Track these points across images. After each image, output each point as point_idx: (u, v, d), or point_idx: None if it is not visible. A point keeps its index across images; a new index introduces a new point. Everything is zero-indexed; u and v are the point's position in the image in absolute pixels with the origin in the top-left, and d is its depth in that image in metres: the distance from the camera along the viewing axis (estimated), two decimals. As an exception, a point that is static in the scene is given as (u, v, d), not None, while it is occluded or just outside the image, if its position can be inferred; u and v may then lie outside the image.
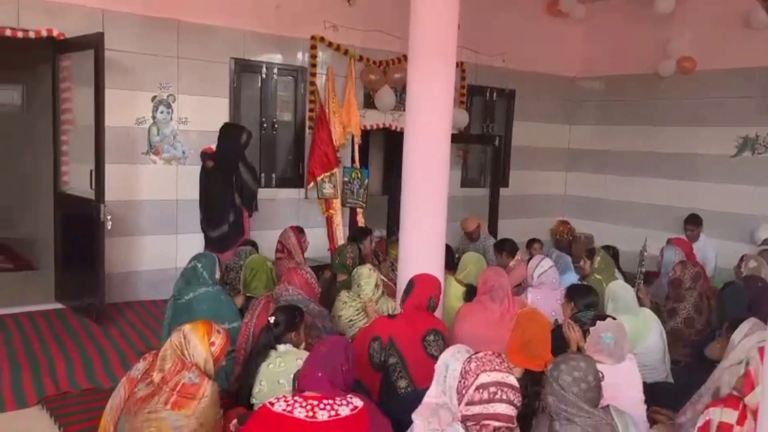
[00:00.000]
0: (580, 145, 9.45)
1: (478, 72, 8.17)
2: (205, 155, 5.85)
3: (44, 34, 5.35)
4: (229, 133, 5.87)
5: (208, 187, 5.83)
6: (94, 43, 5.05)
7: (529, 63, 8.65)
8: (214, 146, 5.89)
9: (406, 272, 4.09)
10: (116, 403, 2.97)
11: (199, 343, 2.88)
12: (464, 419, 2.02)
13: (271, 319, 3.31)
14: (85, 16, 5.53)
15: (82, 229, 5.41)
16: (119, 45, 5.57)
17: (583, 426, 2.16)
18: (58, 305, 5.76)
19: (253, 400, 3.17)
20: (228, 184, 5.73)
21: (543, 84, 9.00)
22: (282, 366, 3.18)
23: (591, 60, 9.10)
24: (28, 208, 7.38)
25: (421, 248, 4.20)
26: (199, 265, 4.06)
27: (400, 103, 7.42)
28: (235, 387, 3.45)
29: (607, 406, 2.39)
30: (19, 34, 5.23)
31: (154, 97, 6.01)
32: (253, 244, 5.20)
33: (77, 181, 5.58)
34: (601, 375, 2.40)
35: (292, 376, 2.95)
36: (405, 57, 7.12)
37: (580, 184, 9.47)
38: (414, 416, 2.51)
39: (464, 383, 2.04)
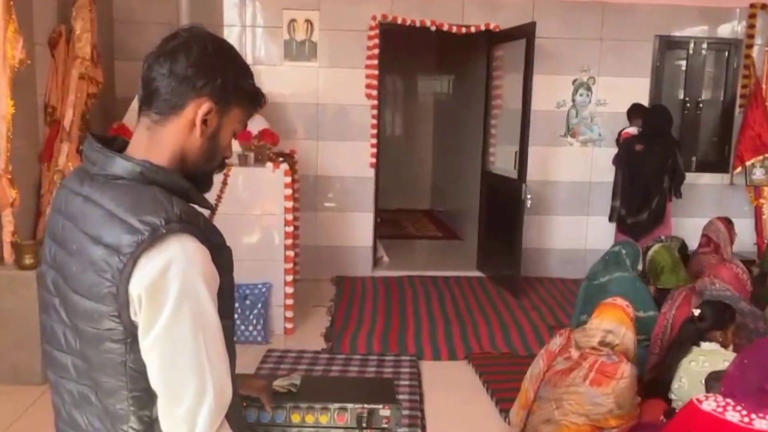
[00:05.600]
0: None
1: None
2: (631, 140, 5.63)
3: (482, 28, 5.93)
4: (665, 115, 5.58)
5: (634, 172, 5.57)
6: (526, 33, 5.40)
7: None
8: (631, 130, 5.73)
9: None
10: (536, 373, 3.20)
11: (625, 330, 2.92)
12: None
13: (696, 312, 3.12)
14: (518, 8, 5.92)
15: (503, 206, 5.87)
16: (546, 32, 5.78)
17: None
18: (479, 273, 6.39)
19: (672, 396, 3.05)
20: (662, 168, 5.48)
21: None
22: (706, 365, 2.98)
23: None
24: (455, 184, 8.30)
25: None
26: (624, 252, 4.02)
27: None
28: (649, 378, 3.37)
29: None
30: (463, 30, 5.90)
31: (574, 81, 6.16)
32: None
33: (502, 161, 6.08)
34: None
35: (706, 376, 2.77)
36: None
37: None
38: None
39: None
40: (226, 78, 1.23)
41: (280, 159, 4.86)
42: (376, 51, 5.86)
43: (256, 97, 1.31)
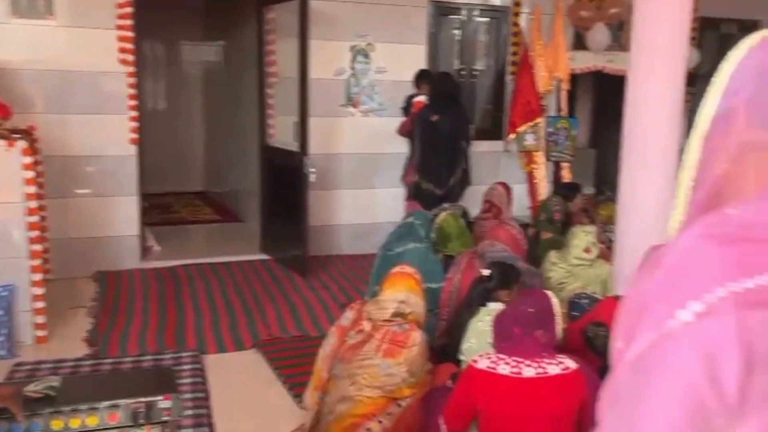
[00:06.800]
0: None
1: (712, 1, 7.43)
2: (425, 110, 5.80)
3: (251, -14, 5.84)
4: (454, 82, 5.86)
5: (434, 142, 5.76)
6: (298, -7, 5.41)
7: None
8: (421, 98, 5.99)
9: (626, 238, 3.93)
10: (328, 351, 3.26)
11: (416, 297, 3.08)
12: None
13: (485, 272, 3.38)
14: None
15: (286, 182, 5.87)
16: (320, -6, 5.86)
17: None
18: (264, 256, 6.35)
19: (461, 357, 3.28)
20: (461, 135, 5.77)
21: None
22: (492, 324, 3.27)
23: None
24: (232, 161, 8.13)
25: (646, 210, 3.99)
26: (417, 222, 4.25)
27: (616, 43, 7.07)
28: (440, 343, 3.61)
29: None
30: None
31: (353, 47, 6.30)
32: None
33: (282, 133, 6.06)
34: None
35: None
36: (625, -12, 6.79)
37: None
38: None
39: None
40: None
41: (15, 136, 4.37)
42: (129, 9, 5.47)
43: None
